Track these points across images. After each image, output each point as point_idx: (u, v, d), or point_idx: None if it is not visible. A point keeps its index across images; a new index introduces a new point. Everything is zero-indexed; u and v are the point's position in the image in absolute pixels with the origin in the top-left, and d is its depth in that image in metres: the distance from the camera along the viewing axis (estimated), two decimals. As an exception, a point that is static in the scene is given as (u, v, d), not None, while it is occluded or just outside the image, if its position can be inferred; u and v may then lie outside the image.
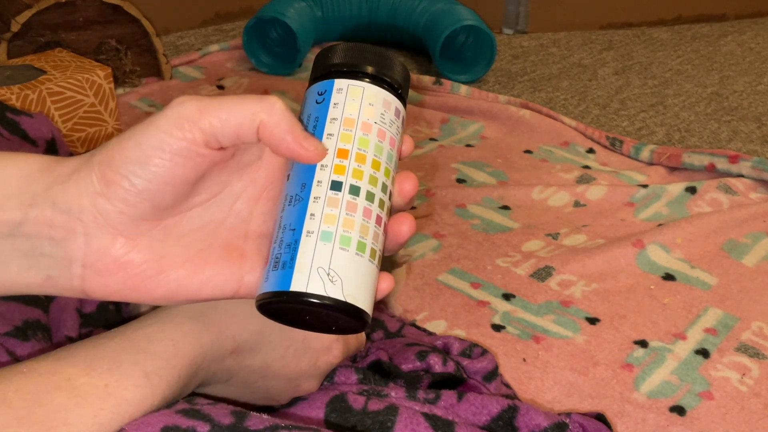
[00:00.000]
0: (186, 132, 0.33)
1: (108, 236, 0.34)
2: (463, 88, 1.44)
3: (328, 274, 0.35)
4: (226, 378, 0.43)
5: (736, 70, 1.68)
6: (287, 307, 0.36)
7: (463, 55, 1.61)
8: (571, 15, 1.91)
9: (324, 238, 0.35)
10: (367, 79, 0.38)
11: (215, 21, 1.85)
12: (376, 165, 0.37)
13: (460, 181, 1.14)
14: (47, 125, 0.68)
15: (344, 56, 0.39)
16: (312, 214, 0.36)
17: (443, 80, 1.46)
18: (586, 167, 1.19)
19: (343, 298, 0.35)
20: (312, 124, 0.38)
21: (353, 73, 0.38)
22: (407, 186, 0.39)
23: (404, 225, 0.38)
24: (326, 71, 0.39)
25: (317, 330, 0.38)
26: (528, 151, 1.24)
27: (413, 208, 1.04)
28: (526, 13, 1.88)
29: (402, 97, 0.40)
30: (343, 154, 0.37)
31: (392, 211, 0.39)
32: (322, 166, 0.37)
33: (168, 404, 0.38)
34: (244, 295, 0.38)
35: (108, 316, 0.59)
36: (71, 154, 0.71)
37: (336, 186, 0.36)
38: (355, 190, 0.36)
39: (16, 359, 0.47)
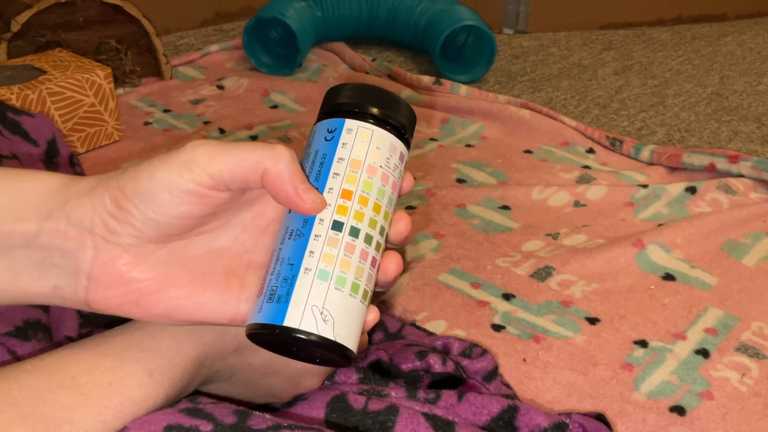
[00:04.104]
0: (195, 176, 0.35)
1: (115, 252, 0.36)
2: (463, 88, 1.44)
3: (322, 313, 0.36)
4: (228, 375, 0.43)
5: (736, 70, 1.68)
6: (277, 340, 0.37)
7: (463, 55, 1.61)
8: (571, 15, 1.91)
9: (321, 276, 0.36)
10: (377, 123, 0.39)
11: (215, 21, 1.85)
12: (377, 208, 0.38)
13: (460, 181, 1.14)
14: (48, 125, 0.68)
15: (356, 97, 0.39)
16: (311, 252, 0.37)
17: (443, 80, 1.46)
18: (586, 167, 1.19)
19: (333, 338, 0.36)
20: (319, 160, 0.39)
21: (364, 115, 0.39)
22: (401, 227, 0.40)
23: (392, 264, 0.39)
24: (337, 109, 0.39)
25: (301, 360, 0.39)
26: (528, 151, 1.24)
27: (413, 208, 1.05)
28: (526, 13, 1.88)
29: (407, 141, 0.41)
30: (347, 195, 0.37)
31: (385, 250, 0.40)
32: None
33: (171, 403, 0.38)
34: (239, 322, 0.39)
35: (108, 316, 0.59)
36: (72, 154, 0.71)
37: (337, 226, 0.37)
38: (355, 232, 0.37)
39: (17, 359, 0.47)
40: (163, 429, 0.35)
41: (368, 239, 0.38)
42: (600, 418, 0.55)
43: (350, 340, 0.37)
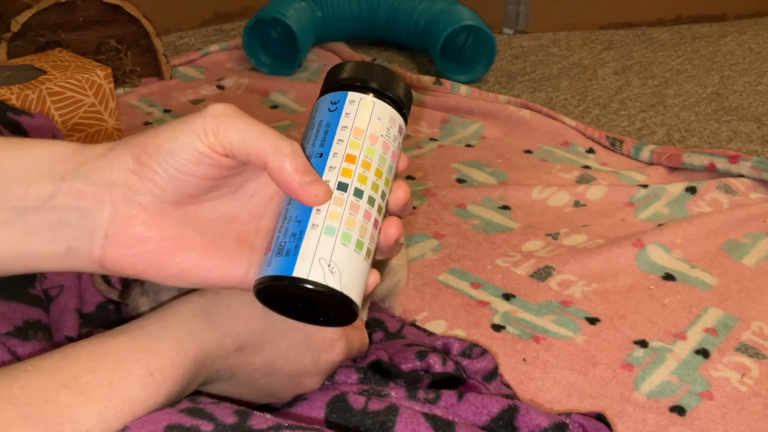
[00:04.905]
0: (210, 143, 0.37)
1: (133, 210, 0.37)
2: (463, 88, 1.44)
3: (329, 265, 0.37)
4: (229, 376, 0.43)
5: (736, 70, 1.68)
6: (285, 293, 0.38)
7: (463, 55, 1.61)
8: (571, 15, 1.91)
9: (328, 232, 0.38)
10: (378, 96, 0.41)
11: (215, 21, 1.85)
12: (378, 173, 0.40)
13: (460, 181, 1.14)
14: (48, 125, 0.68)
15: (359, 72, 0.42)
16: (318, 210, 0.38)
17: (443, 80, 1.46)
18: (586, 167, 1.19)
19: (340, 289, 0.37)
20: (323, 129, 0.41)
21: (366, 88, 0.41)
22: (400, 194, 0.42)
23: (392, 228, 0.41)
24: (340, 84, 0.42)
25: (305, 320, 0.40)
26: (528, 151, 1.24)
27: (413, 208, 1.05)
28: (526, 13, 1.88)
29: (405, 116, 0.43)
30: (351, 159, 0.40)
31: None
32: (330, 167, 0.39)
33: (172, 403, 0.38)
34: (249, 285, 0.39)
35: (108, 316, 0.59)
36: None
37: (342, 187, 0.39)
38: (359, 193, 0.39)
39: (17, 359, 0.47)
40: (164, 429, 0.35)
41: (371, 201, 0.40)
42: (600, 418, 0.55)
43: (355, 294, 0.38)
